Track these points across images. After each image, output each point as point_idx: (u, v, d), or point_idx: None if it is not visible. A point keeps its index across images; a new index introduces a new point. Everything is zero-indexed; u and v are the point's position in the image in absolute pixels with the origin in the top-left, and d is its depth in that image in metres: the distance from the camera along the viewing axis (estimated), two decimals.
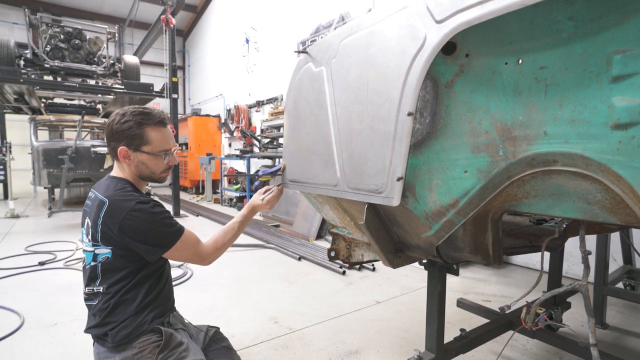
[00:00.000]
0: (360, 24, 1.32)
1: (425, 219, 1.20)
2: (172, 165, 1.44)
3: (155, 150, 1.36)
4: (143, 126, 1.34)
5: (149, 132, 1.34)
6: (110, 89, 7.00)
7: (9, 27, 11.42)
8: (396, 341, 2.40)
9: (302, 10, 7.76)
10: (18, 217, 6.95)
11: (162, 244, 1.32)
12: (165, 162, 1.40)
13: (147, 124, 1.34)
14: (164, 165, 1.40)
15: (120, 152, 1.34)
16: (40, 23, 7.35)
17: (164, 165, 1.40)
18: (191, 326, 1.61)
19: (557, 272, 2.25)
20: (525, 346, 2.31)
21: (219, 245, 1.46)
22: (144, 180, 1.42)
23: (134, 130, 1.33)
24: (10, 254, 4.37)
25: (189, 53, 14.94)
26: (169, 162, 1.41)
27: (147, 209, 1.30)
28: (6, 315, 2.73)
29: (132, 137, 1.33)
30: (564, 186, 0.92)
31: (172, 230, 1.34)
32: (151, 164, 1.38)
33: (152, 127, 1.35)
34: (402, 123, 1.11)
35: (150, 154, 1.35)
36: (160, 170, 1.41)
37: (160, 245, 1.32)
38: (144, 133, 1.34)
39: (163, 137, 1.37)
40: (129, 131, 1.32)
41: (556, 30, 0.82)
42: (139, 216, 1.27)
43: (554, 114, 0.85)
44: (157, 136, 1.36)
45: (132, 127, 1.32)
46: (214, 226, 6.32)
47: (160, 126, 1.37)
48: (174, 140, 1.44)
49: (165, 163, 1.40)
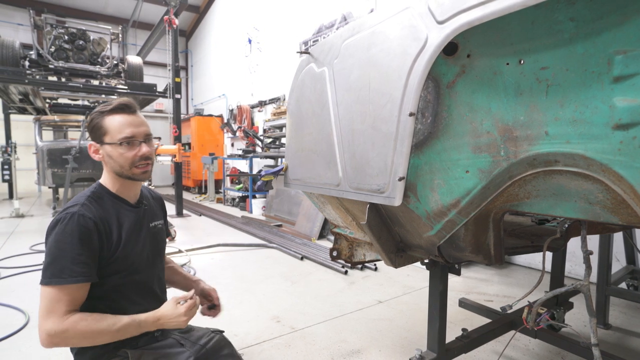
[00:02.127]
0: (362, 24, 1.32)
1: (427, 219, 1.21)
2: (145, 156, 1.24)
3: (115, 139, 1.20)
4: (103, 115, 1.22)
5: (107, 120, 1.22)
6: (114, 89, 7.04)
7: (14, 28, 11.50)
8: (398, 341, 2.40)
9: (305, 10, 7.76)
10: (23, 216, 7.01)
11: (47, 272, 1.10)
12: (130, 153, 1.22)
13: (106, 112, 1.22)
14: (130, 158, 1.22)
15: (90, 148, 1.25)
16: (44, 24, 7.38)
17: (130, 157, 1.22)
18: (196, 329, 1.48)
19: (559, 272, 2.25)
20: (527, 346, 2.30)
21: (79, 329, 1.08)
22: (123, 178, 1.26)
23: (95, 121, 1.22)
24: (15, 253, 4.41)
25: (191, 53, 14.98)
26: (137, 153, 1.23)
27: (59, 228, 1.13)
28: (12, 314, 2.76)
29: (95, 129, 1.23)
30: (565, 186, 0.92)
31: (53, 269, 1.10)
32: (116, 156, 1.22)
33: (111, 114, 1.22)
34: (404, 123, 1.11)
35: (110, 144, 1.21)
36: (128, 162, 1.22)
37: (45, 271, 1.11)
38: (103, 122, 1.22)
39: (123, 123, 1.21)
40: (92, 123, 1.23)
41: (557, 30, 0.82)
42: (52, 232, 1.14)
43: (556, 114, 0.85)
44: (115, 123, 1.21)
45: (94, 118, 1.23)
46: (217, 225, 6.34)
47: (120, 112, 1.23)
48: (143, 128, 1.26)
49: (132, 154, 1.22)
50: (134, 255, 1.27)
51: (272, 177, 1.78)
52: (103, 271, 1.19)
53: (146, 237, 1.34)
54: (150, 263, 1.35)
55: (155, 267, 1.39)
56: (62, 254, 1.11)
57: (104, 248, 1.19)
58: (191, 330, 1.46)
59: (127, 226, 1.26)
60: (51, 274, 1.09)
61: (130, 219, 1.29)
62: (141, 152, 1.24)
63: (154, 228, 1.40)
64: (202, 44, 13.91)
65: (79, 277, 1.10)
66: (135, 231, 1.29)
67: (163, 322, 1.20)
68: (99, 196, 1.25)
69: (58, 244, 1.12)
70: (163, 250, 1.49)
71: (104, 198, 1.25)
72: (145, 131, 1.26)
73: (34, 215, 7.25)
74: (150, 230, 1.38)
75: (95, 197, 1.23)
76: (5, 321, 2.63)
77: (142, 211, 1.35)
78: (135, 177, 1.26)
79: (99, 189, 1.27)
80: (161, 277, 1.45)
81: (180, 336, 1.38)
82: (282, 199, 6.77)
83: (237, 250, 4.67)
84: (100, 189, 1.27)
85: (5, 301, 2.95)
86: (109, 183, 1.29)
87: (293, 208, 6.31)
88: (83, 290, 1.14)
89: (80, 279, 1.11)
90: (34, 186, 10.31)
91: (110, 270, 1.21)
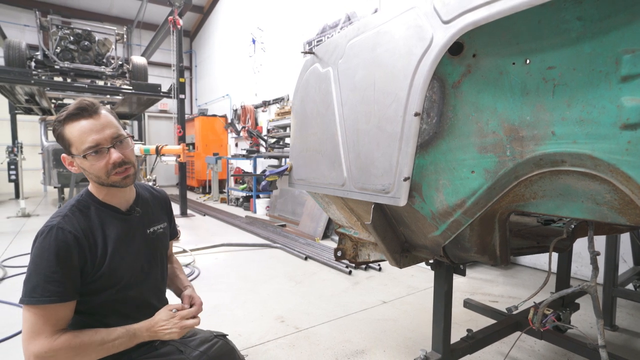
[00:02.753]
0: (367, 24, 1.32)
1: (432, 219, 1.20)
2: (117, 163, 1.10)
3: (79, 151, 1.09)
4: (62, 124, 1.09)
5: (67, 129, 1.09)
6: (119, 89, 7.09)
7: (20, 29, 11.59)
8: (403, 341, 2.39)
9: (309, 10, 7.77)
10: (29, 216, 7.06)
11: (23, 289, 1.03)
12: (100, 162, 1.10)
13: (63, 119, 1.09)
14: (103, 167, 1.10)
15: (64, 161, 1.15)
16: (50, 25, 7.46)
17: (102, 166, 1.10)
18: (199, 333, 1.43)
19: (565, 273, 2.23)
20: (533, 347, 2.29)
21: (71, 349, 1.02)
22: (105, 186, 1.16)
23: (57, 132, 1.11)
24: (21, 252, 4.45)
25: (195, 53, 15.03)
26: (108, 161, 1.10)
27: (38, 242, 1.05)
28: (18, 313, 2.78)
29: (59, 140, 1.12)
30: (572, 186, 0.91)
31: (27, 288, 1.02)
32: (87, 167, 1.11)
33: (70, 122, 1.09)
34: (409, 123, 1.11)
35: (78, 156, 1.10)
36: (103, 172, 1.11)
37: (23, 288, 1.03)
38: (64, 132, 1.09)
39: (82, 132, 1.08)
40: (55, 134, 1.12)
41: (564, 30, 0.82)
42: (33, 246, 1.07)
43: (562, 114, 0.84)
44: (74, 132, 1.08)
45: (55, 129, 1.11)
46: (221, 225, 6.36)
47: (78, 118, 1.08)
48: (108, 131, 1.11)
49: (102, 164, 1.10)
50: (123, 269, 1.17)
51: (277, 177, 1.78)
52: (89, 288, 1.10)
53: (140, 247, 1.25)
54: (145, 275, 1.26)
55: (151, 278, 1.29)
56: (37, 270, 1.03)
57: (87, 263, 1.10)
58: (193, 335, 1.39)
59: (115, 237, 1.16)
60: (25, 292, 1.02)
61: (119, 229, 1.19)
62: (112, 160, 1.10)
63: (152, 234, 1.31)
64: (206, 44, 13.95)
65: (52, 296, 1.01)
66: (125, 242, 1.20)
67: (157, 331, 1.12)
68: (84, 205, 1.16)
69: (35, 259, 1.04)
70: (164, 256, 1.39)
71: (90, 207, 1.16)
72: (111, 134, 1.11)
73: (40, 214, 7.30)
74: (148, 237, 1.29)
75: (80, 207, 1.14)
76: (12, 320, 2.65)
77: (134, 219, 1.26)
78: (116, 184, 1.15)
79: (85, 197, 1.18)
80: (160, 287, 1.36)
81: (180, 342, 1.32)
82: (286, 199, 6.77)
83: (241, 250, 4.69)
84: (86, 197, 1.18)
85: (12, 300, 2.98)
86: (95, 190, 1.19)
87: (297, 208, 6.31)
88: (64, 309, 1.05)
89: (54, 299, 1.01)
90: (39, 186, 10.41)
91: (97, 286, 1.12)
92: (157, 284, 1.34)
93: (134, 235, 1.24)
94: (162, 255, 1.37)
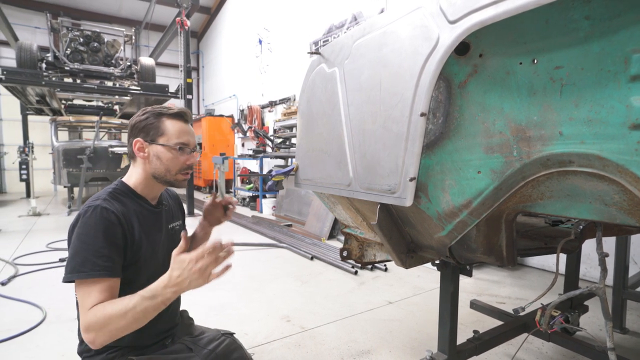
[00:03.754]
0: (373, 24, 1.32)
1: (438, 220, 1.20)
2: (190, 165, 1.27)
3: (170, 142, 1.22)
4: (161, 117, 1.23)
5: (166, 122, 1.22)
6: (127, 90, 7.16)
7: (31, 31, 11.77)
8: (408, 342, 2.39)
9: (315, 10, 7.77)
10: (40, 215, 7.17)
11: (68, 267, 1.05)
12: (182, 158, 1.24)
13: (166, 114, 1.23)
14: (180, 163, 1.24)
15: (135, 144, 1.21)
16: (61, 27, 7.56)
17: (180, 162, 1.23)
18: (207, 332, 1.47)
19: (573, 275, 2.21)
20: (540, 349, 2.27)
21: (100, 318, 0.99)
22: (158, 181, 1.25)
23: (151, 120, 1.22)
24: (32, 250, 4.52)
25: (203, 54, 15.13)
26: (186, 160, 1.25)
27: (82, 221, 1.09)
28: (29, 310, 2.83)
29: (148, 127, 1.22)
30: (580, 187, 0.91)
31: (74, 263, 1.04)
32: (166, 159, 1.22)
33: (170, 119, 1.23)
34: (415, 123, 1.11)
35: (165, 145, 1.21)
36: (176, 168, 1.23)
37: (67, 266, 1.06)
38: (160, 123, 1.22)
39: (181, 130, 1.24)
40: (146, 121, 1.22)
41: (572, 29, 0.81)
42: (74, 227, 1.10)
43: (570, 114, 0.84)
44: (173, 127, 1.23)
45: (149, 117, 1.22)
46: (227, 225, 6.39)
47: (179, 119, 1.25)
48: (194, 139, 1.29)
49: (182, 160, 1.24)
50: (151, 260, 1.23)
51: (283, 177, 1.79)
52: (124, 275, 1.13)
53: (164, 241, 1.31)
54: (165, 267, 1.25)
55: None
56: (84, 247, 1.05)
57: (128, 245, 1.15)
58: (201, 334, 1.43)
59: (147, 227, 1.23)
60: (72, 267, 1.03)
61: (150, 221, 1.26)
62: (190, 161, 1.26)
63: (172, 230, 1.37)
64: (213, 45, 14.04)
65: (101, 270, 1.04)
66: (154, 234, 1.26)
67: (177, 284, 0.99)
68: (120, 193, 1.21)
69: (80, 236, 1.07)
70: None
71: (126, 196, 1.22)
72: (194, 143, 1.29)
73: (50, 213, 7.41)
74: (169, 232, 1.35)
75: (116, 194, 1.20)
76: (24, 316, 2.70)
77: (162, 213, 1.33)
78: (176, 183, 1.26)
79: (121, 186, 1.24)
80: None
81: (189, 340, 1.37)
82: (292, 199, 6.79)
83: (248, 250, 4.71)
84: (122, 187, 1.24)
85: (24, 297, 3.03)
86: (134, 182, 1.25)
87: (303, 208, 6.32)
88: (111, 286, 1.06)
89: (104, 273, 1.04)
90: (50, 185, 10.55)
91: (129, 274, 1.15)
92: None
93: (160, 229, 1.30)
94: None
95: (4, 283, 3.37)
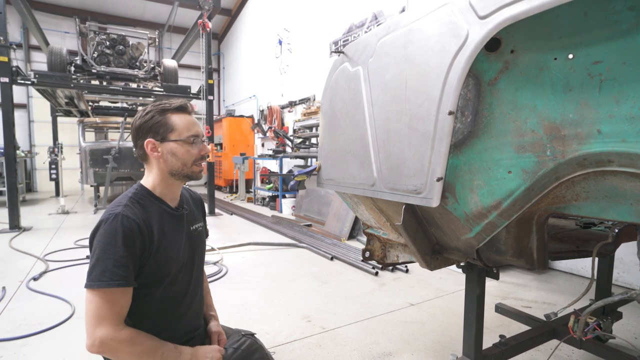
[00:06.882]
0: (398, 22, 1.30)
1: (466, 221, 1.17)
2: (205, 155, 1.28)
3: (182, 136, 1.22)
4: (165, 113, 1.22)
5: (172, 117, 1.23)
6: (151, 91, 7.34)
7: (61, 36, 12.24)
8: (431, 345, 2.34)
9: (335, 10, 7.76)
10: (68, 213, 7.44)
11: (90, 275, 1.08)
12: (195, 150, 1.25)
13: (170, 110, 1.23)
14: (195, 154, 1.24)
15: (147, 145, 1.21)
16: (88, 31, 7.83)
17: (195, 153, 1.24)
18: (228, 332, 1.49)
19: (606, 280, 2.12)
20: (571, 356, 2.19)
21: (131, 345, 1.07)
22: (176, 177, 1.25)
23: (157, 119, 1.22)
24: (61, 247, 4.69)
25: (223, 55, 15.35)
26: (200, 151, 1.26)
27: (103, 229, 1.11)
28: (59, 305, 2.93)
29: (156, 126, 1.21)
30: (619, 188, 0.86)
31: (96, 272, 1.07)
32: (181, 153, 1.22)
33: (175, 113, 1.24)
34: (442, 122, 1.08)
35: (177, 141, 1.22)
36: (192, 160, 1.24)
37: (89, 274, 1.09)
38: (167, 120, 1.22)
39: (189, 122, 1.25)
40: (152, 121, 1.21)
41: (614, 21, 0.77)
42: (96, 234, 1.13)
43: (610, 111, 0.80)
44: (181, 121, 1.23)
45: (154, 116, 1.22)
46: (247, 224, 6.46)
47: (183, 112, 1.26)
48: (201, 129, 1.30)
49: (196, 152, 1.25)
50: (170, 264, 1.22)
51: (305, 177, 1.78)
52: (139, 279, 1.15)
53: (185, 244, 1.30)
54: (187, 270, 1.31)
55: (193, 276, 1.34)
56: (105, 255, 1.08)
57: (145, 252, 1.15)
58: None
59: (167, 231, 1.23)
60: (94, 277, 1.07)
61: (171, 224, 1.25)
62: (205, 150, 1.28)
63: (194, 232, 1.37)
64: (233, 46, 14.22)
65: (120, 280, 1.07)
66: (174, 237, 1.25)
67: (199, 356, 1.20)
68: (141, 197, 1.22)
69: (101, 245, 1.09)
70: (203, 254, 1.45)
71: (146, 199, 1.23)
72: (202, 132, 1.31)
73: (78, 212, 7.67)
74: (191, 234, 1.34)
75: (137, 198, 1.21)
76: (54, 311, 2.80)
77: (183, 216, 1.32)
78: (193, 175, 1.27)
79: (141, 190, 1.24)
80: (198, 286, 1.39)
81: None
82: (311, 199, 6.80)
83: (268, 249, 4.74)
84: (142, 190, 1.24)
85: (54, 292, 3.15)
86: (152, 184, 1.26)
87: (322, 208, 6.32)
88: (126, 295, 1.11)
89: (122, 282, 1.08)
90: (77, 184, 10.94)
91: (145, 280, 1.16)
92: (198, 283, 1.38)
93: (181, 232, 1.29)
94: (202, 254, 1.43)
95: (36, 278, 3.51)
